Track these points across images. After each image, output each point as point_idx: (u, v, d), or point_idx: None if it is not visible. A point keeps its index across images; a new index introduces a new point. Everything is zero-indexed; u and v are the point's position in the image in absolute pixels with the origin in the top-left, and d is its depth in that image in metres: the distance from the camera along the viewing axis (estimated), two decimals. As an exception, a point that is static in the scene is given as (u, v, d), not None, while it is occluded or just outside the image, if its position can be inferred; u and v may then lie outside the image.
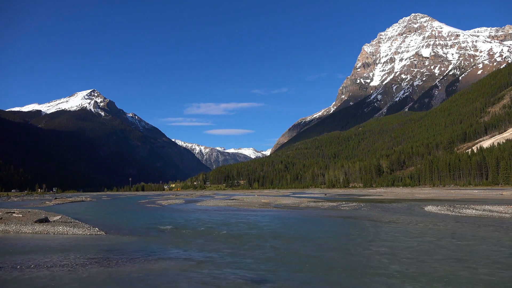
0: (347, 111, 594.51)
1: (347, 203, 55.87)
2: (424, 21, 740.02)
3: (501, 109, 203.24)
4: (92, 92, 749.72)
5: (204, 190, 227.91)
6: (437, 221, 29.66)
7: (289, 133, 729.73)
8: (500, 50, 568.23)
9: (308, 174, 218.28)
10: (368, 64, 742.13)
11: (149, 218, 38.54)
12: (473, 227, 25.68)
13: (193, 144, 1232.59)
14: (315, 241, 21.66)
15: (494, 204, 43.58)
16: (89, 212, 51.84)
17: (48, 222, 29.83)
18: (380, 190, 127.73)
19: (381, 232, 24.87)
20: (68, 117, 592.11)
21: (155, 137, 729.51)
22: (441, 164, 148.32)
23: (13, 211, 38.92)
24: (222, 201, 69.18)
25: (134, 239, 23.34)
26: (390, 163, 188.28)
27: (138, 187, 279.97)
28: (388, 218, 32.65)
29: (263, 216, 38.15)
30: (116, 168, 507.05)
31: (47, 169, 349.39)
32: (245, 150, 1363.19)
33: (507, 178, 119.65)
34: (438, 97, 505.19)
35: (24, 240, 22.73)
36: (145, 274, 14.39)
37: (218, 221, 33.91)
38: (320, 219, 34.56)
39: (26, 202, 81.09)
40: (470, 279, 13.12)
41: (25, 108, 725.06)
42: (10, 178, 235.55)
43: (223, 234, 24.94)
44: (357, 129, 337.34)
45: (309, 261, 16.36)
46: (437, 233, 23.21)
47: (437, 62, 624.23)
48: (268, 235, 23.91)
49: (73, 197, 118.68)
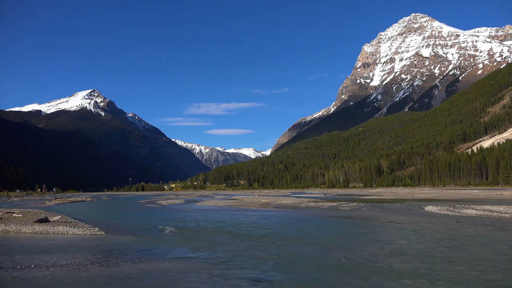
0: (347, 111, 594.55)
1: (347, 203, 55.87)
2: (424, 21, 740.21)
3: (501, 109, 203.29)
4: (92, 92, 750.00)
5: (204, 190, 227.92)
6: (437, 221, 29.66)
7: (289, 133, 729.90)
8: (500, 50, 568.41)
9: (308, 174, 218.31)
10: (368, 64, 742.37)
11: (149, 218, 38.54)
12: (473, 227, 25.68)
13: (193, 144, 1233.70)
14: (315, 241, 21.66)
15: (494, 204, 43.58)
16: (89, 212, 51.83)
17: (48, 222, 29.83)
18: (380, 190, 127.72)
19: (381, 232, 24.88)
20: (68, 117, 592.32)
21: (155, 137, 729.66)
22: (441, 164, 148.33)
23: (13, 211, 38.92)
24: (222, 201, 69.17)
25: (134, 239, 23.33)
26: (390, 163, 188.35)
27: (138, 187, 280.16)
28: (388, 218, 32.66)
29: (263, 216, 38.13)
30: (116, 168, 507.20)
31: (47, 169, 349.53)
32: (245, 150, 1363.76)
33: (507, 178, 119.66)
34: (438, 97, 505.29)
35: (24, 240, 22.73)
36: (145, 274, 14.39)
37: (218, 221, 33.90)
38: (320, 219, 34.55)
39: (26, 202, 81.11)
40: (470, 279, 13.13)
41: (25, 108, 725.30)
42: (10, 178, 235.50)
43: (223, 234, 24.93)
44: (357, 129, 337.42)
45: (309, 261, 16.36)
46: (437, 233, 23.21)
47: (437, 62, 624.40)
48: (268, 235, 23.90)
49: (73, 197, 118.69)
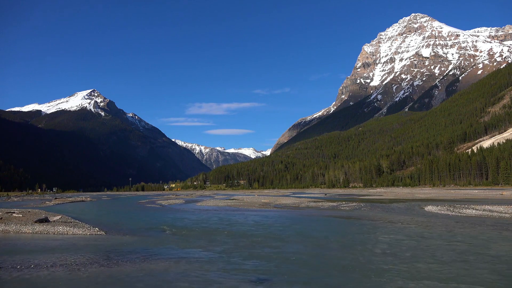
0: (347, 111, 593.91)
1: (347, 203, 55.87)
2: (424, 21, 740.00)
3: (501, 109, 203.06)
4: (92, 92, 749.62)
5: (204, 190, 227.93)
6: (437, 221, 29.65)
7: (289, 133, 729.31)
8: (500, 50, 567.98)
9: (308, 174, 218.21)
10: (368, 64, 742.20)
11: (149, 218, 38.54)
12: (473, 227, 25.67)
13: (193, 144, 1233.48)
14: (315, 241, 21.66)
15: (494, 204, 43.57)
16: (89, 212, 51.84)
17: (48, 222, 29.83)
18: (380, 190, 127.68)
19: (381, 232, 24.87)
20: (68, 117, 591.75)
21: (155, 137, 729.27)
22: (441, 164, 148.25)
23: (13, 211, 38.94)
24: (222, 201, 69.19)
25: (134, 239, 23.32)
26: (390, 163, 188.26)
27: (138, 187, 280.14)
28: (388, 218, 32.65)
29: (263, 216, 38.14)
30: (116, 168, 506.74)
31: (47, 169, 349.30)
32: (245, 150, 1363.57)
33: (507, 178, 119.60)
34: (438, 97, 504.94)
35: (24, 240, 22.72)
36: (145, 274, 14.38)
37: (218, 221, 33.90)
38: (320, 219, 34.55)
39: (26, 202, 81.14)
40: (470, 279, 13.13)
41: (25, 108, 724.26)
42: (10, 178, 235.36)
43: (223, 234, 24.94)
44: (357, 129, 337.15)
45: (309, 261, 16.36)
46: (437, 233, 23.20)
47: (437, 62, 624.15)
48: (268, 235, 23.90)
49: (73, 197, 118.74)
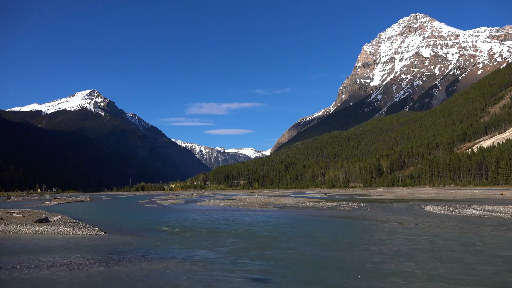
0: (347, 111, 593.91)
1: (347, 203, 55.87)
2: (424, 21, 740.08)
3: (501, 109, 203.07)
4: (92, 92, 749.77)
5: (204, 190, 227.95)
6: (437, 221, 29.66)
7: (289, 133, 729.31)
8: (500, 50, 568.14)
9: (308, 174, 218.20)
10: (368, 64, 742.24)
11: (149, 218, 38.52)
12: (473, 227, 25.68)
13: (193, 144, 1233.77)
14: (315, 241, 21.66)
15: (494, 204, 43.57)
16: (89, 212, 51.83)
17: (48, 222, 29.83)
18: (380, 190, 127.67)
19: (381, 232, 24.87)
20: (68, 117, 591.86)
21: (155, 137, 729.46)
22: (441, 164, 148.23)
23: (13, 211, 38.93)
24: (222, 201, 69.19)
25: (134, 239, 23.32)
26: (390, 163, 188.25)
27: (138, 187, 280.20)
28: (388, 218, 32.65)
29: (263, 216, 38.14)
30: (116, 168, 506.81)
31: (47, 169, 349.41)
32: (245, 150, 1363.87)
33: (507, 178, 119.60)
34: (438, 97, 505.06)
35: (24, 240, 22.72)
36: (146, 274, 14.38)
37: (218, 221, 33.89)
38: (320, 219, 34.55)
39: (26, 202, 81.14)
40: (470, 279, 13.13)
41: (25, 108, 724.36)
42: (10, 178, 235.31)
43: (223, 234, 24.94)
44: (357, 129, 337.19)
45: (309, 261, 16.36)
46: (437, 233, 23.20)
47: (437, 62, 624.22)
48: (268, 235, 23.90)
49: (73, 197, 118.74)
